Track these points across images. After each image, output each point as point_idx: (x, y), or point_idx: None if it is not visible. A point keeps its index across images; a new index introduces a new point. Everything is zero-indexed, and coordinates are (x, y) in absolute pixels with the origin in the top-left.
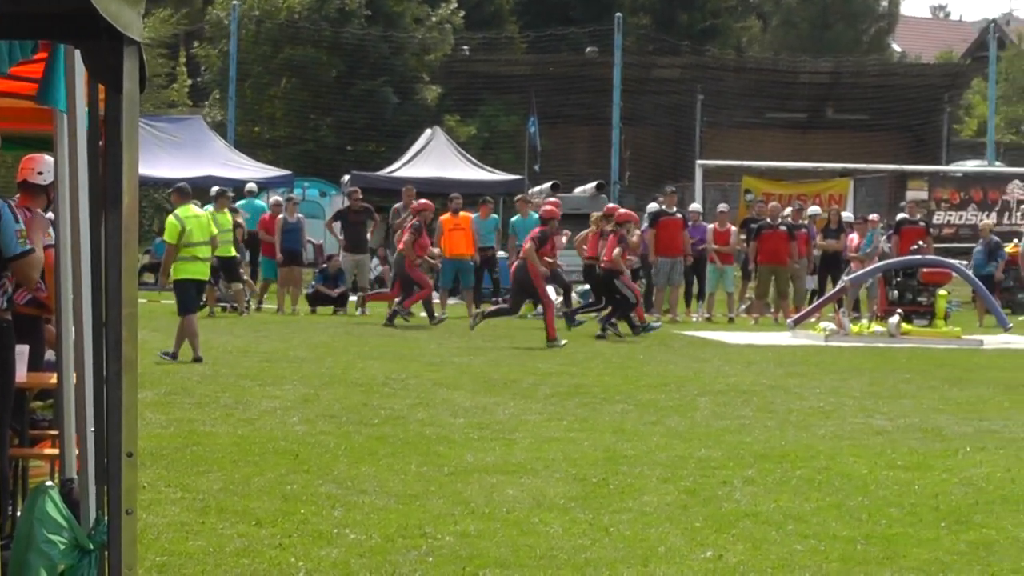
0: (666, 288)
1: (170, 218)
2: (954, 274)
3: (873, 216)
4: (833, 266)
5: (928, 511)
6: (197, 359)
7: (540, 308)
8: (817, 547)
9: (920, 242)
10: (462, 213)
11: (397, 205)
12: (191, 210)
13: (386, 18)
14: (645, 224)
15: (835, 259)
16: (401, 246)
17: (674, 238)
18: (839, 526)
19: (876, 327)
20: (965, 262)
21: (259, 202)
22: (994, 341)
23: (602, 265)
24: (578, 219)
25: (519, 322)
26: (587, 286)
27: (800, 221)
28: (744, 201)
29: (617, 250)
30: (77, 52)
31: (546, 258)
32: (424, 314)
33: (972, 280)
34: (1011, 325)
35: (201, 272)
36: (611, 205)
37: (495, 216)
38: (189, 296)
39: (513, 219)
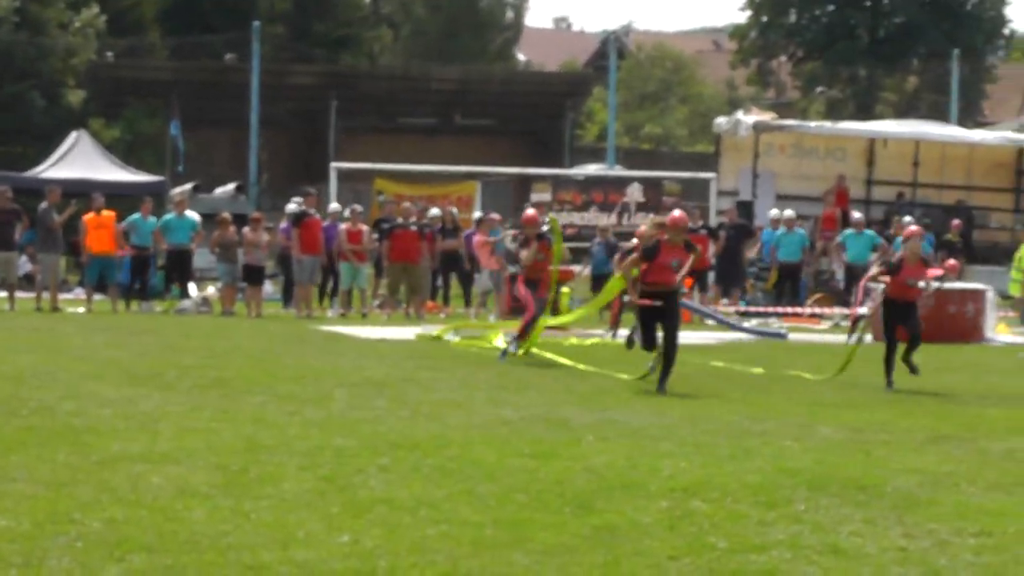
0: (307, 285)
1: None
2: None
3: (495, 215)
4: (454, 265)
5: (553, 497)
6: None
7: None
8: (449, 532)
9: None
10: (104, 212)
11: (43, 204)
12: None
13: (33, 24)
14: (285, 223)
15: (454, 257)
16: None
17: (315, 237)
18: (469, 512)
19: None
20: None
21: None
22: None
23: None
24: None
25: (163, 317)
26: None
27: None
28: (376, 202)
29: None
30: None
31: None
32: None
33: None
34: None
35: None
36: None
37: (153, 218)
38: None
39: (168, 217)
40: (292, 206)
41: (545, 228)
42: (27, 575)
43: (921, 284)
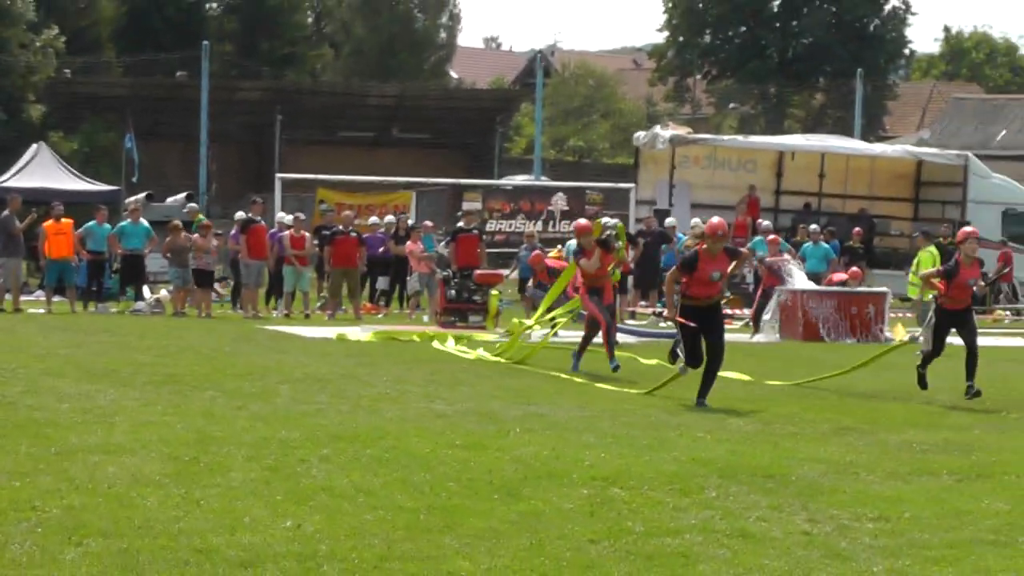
0: (254, 288)
1: None
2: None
3: (428, 223)
4: (406, 268)
5: (483, 485)
6: None
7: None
8: (385, 517)
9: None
10: (63, 219)
11: (5, 212)
12: None
13: None
14: (234, 229)
15: (404, 262)
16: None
17: (262, 243)
18: (404, 498)
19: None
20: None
21: None
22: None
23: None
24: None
25: (118, 318)
26: None
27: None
28: (318, 210)
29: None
30: None
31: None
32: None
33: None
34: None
35: None
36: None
37: (107, 225)
38: None
39: (123, 224)
40: (241, 214)
41: (610, 233)
42: None
43: (974, 284)
